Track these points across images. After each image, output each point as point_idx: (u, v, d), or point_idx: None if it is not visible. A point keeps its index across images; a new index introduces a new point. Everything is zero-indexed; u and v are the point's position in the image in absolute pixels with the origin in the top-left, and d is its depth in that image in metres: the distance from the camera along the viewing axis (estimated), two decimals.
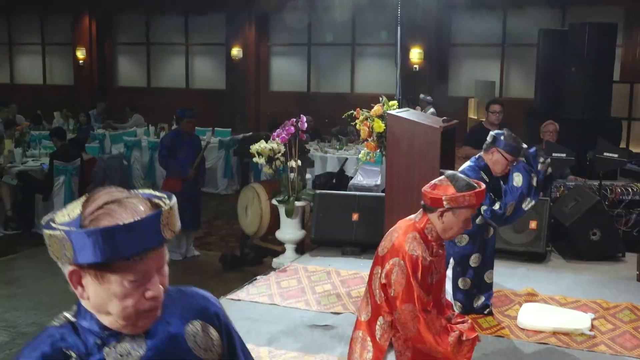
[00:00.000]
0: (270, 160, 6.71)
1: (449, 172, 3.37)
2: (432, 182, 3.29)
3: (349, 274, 5.91)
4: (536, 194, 4.88)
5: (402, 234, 3.20)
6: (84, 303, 1.55)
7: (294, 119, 6.71)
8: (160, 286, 1.48)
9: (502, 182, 4.93)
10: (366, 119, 6.32)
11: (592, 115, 10.41)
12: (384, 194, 6.06)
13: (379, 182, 7.84)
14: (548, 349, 4.48)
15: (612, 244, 6.51)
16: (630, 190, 7.36)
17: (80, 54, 18.97)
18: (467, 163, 4.89)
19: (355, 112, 6.44)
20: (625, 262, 6.44)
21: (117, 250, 1.38)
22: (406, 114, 5.94)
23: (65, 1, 18.59)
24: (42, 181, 10.07)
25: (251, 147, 6.85)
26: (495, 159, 4.76)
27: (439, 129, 5.68)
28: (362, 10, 14.21)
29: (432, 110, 11.01)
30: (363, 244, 6.59)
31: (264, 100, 17.76)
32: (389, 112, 5.94)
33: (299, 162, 6.86)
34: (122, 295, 1.45)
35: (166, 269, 1.53)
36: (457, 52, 16.34)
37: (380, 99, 6.39)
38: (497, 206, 4.74)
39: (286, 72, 18.05)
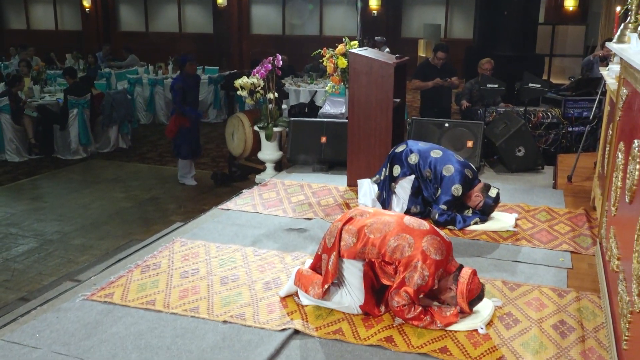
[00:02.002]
0: (251, 93, 6.64)
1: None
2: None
3: (318, 187, 5.95)
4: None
5: (425, 234, 3.34)
6: None
7: (271, 58, 6.62)
8: None
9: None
10: (332, 56, 6.23)
11: (520, 52, 10.42)
12: (347, 120, 6.05)
13: (343, 111, 7.79)
14: (480, 244, 4.58)
15: (533, 159, 6.60)
16: (549, 114, 7.43)
17: (86, 2, 18.41)
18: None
19: (322, 51, 6.35)
20: (544, 173, 6.56)
21: None
22: (365, 52, 5.87)
23: None
24: (58, 113, 9.92)
25: (235, 82, 6.75)
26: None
27: (393, 64, 5.63)
28: None
29: (387, 49, 10.89)
30: (330, 161, 6.64)
31: (245, 42, 17.49)
32: (350, 50, 5.86)
33: (276, 95, 6.80)
34: None
35: None
36: (408, 0, 16.05)
37: (344, 39, 6.30)
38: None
39: (264, 18, 17.68)
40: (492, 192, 4.88)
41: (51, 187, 8.29)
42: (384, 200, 5.06)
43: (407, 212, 4.87)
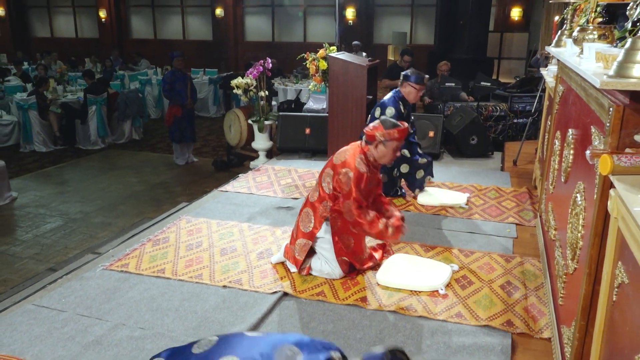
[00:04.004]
0: (245, 91, 6.56)
1: (383, 117, 3.47)
2: (372, 124, 3.36)
3: (303, 171, 5.93)
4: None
5: (352, 154, 3.33)
6: None
7: (262, 61, 6.55)
8: None
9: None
10: (314, 60, 6.18)
11: (474, 55, 10.42)
12: (327, 115, 6.02)
13: (324, 106, 7.75)
14: (439, 217, 4.60)
15: (485, 146, 6.63)
16: (498, 108, 7.45)
17: (102, 14, 18.08)
18: (390, 94, 4.84)
19: (306, 55, 6.30)
20: (494, 158, 6.60)
21: None
22: (342, 55, 5.82)
23: None
24: (79, 110, 9.77)
25: (232, 82, 6.67)
26: (408, 90, 4.75)
27: (366, 66, 5.60)
28: None
29: (364, 54, 10.82)
30: (313, 150, 6.61)
31: (240, 48, 17.30)
32: (330, 54, 5.82)
33: (267, 93, 6.74)
34: None
35: None
36: (379, 11, 15.95)
37: (324, 45, 6.24)
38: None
39: (256, 27, 17.46)
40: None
41: (74, 173, 8.17)
42: None
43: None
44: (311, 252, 3.54)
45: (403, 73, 4.83)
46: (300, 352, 1.42)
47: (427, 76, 4.89)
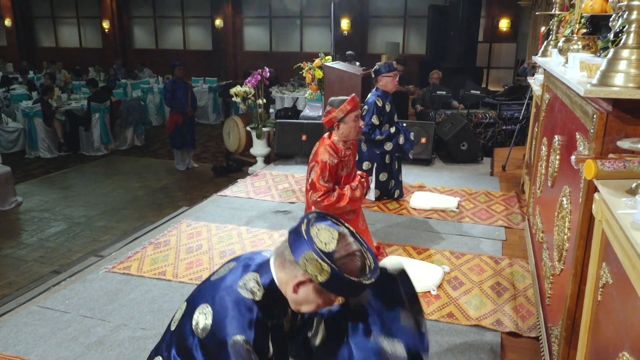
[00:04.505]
0: (244, 99, 6.56)
1: (330, 99, 3.32)
2: (325, 112, 3.29)
3: (300, 176, 5.93)
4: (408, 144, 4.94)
5: (319, 147, 3.24)
6: (289, 294, 1.41)
7: (260, 70, 6.55)
8: None
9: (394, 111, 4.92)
10: (310, 69, 6.20)
11: (464, 65, 10.45)
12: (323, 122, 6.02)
13: (320, 113, 7.75)
14: (431, 220, 4.62)
15: (474, 152, 6.65)
16: (487, 115, 7.48)
17: (106, 24, 18.04)
18: (369, 95, 4.85)
19: (302, 64, 6.31)
20: (483, 163, 6.62)
21: (344, 292, 1.38)
22: (337, 65, 5.84)
23: None
24: (83, 117, 9.74)
25: (231, 90, 6.67)
26: (384, 82, 4.76)
27: (360, 75, 5.62)
28: None
29: (357, 63, 10.84)
30: (309, 155, 6.58)
31: (239, 57, 17.30)
32: (325, 64, 5.83)
33: (264, 100, 6.74)
34: (318, 308, 1.42)
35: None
36: (373, 22, 15.99)
37: (320, 55, 6.26)
38: (376, 130, 4.75)
39: (255, 37, 17.47)
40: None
41: (77, 179, 8.14)
42: None
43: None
44: None
45: (373, 69, 4.83)
46: (255, 271, 1.44)
47: (394, 62, 4.91)
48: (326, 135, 3.32)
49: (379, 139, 4.79)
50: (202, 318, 1.38)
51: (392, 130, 4.85)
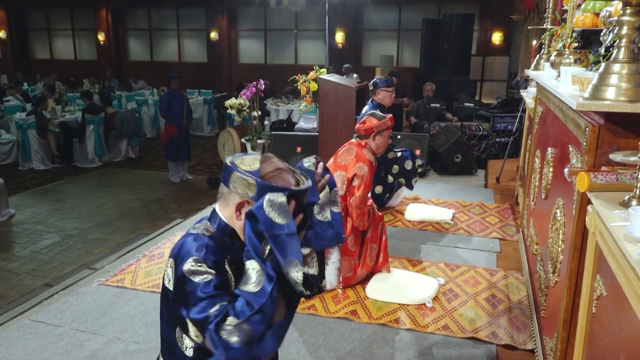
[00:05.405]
0: (239, 111, 6.57)
1: (370, 111, 3.64)
2: (362, 120, 3.47)
3: None
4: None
5: (358, 150, 3.45)
6: (236, 224, 1.44)
7: (255, 82, 6.58)
8: None
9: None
10: (305, 81, 6.23)
11: (457, 77, 10.53)
12: (318, 134, 6.04)
13: (315, 126, 7.77)
14: (426, 232, 4.61)
15: (469, 164, 6.68)
16: (481, 128, 7.53)
17: (101, 37, 18.09)
18: (366, 106, 4.96)
19: (297, 77, 6.34)
20: (477, 175, 6.64)
21: None
22: (332, 77, 5.87)
23: None
24: (77, 129, 9.71)
25: (225, 102, 6.69)
26: (382, 96, 4.92)
27: (354, 88, 5.64)
28: (303, 5, 13.82)
29: (355, 75, 10.90)
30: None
31: (234, 70, 17.37)
32: (320, 76, 5.86)
33: (259, 113, 6.76)
34: None
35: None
36: (367, 35, 16.12)
37: (315, 67, 6.29)
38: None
39: (249, 49, 17.56)
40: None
41: (71, 190, 8.10)
42: None
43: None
44: None
45: (372, 82, 4.97)
46: (205, 221, 1.51)
47: (394, 78, 5.06)
48: (355, 141, 3.51)
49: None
50: (169, 271, 1.39)
51: (399, 154, 4.99)
